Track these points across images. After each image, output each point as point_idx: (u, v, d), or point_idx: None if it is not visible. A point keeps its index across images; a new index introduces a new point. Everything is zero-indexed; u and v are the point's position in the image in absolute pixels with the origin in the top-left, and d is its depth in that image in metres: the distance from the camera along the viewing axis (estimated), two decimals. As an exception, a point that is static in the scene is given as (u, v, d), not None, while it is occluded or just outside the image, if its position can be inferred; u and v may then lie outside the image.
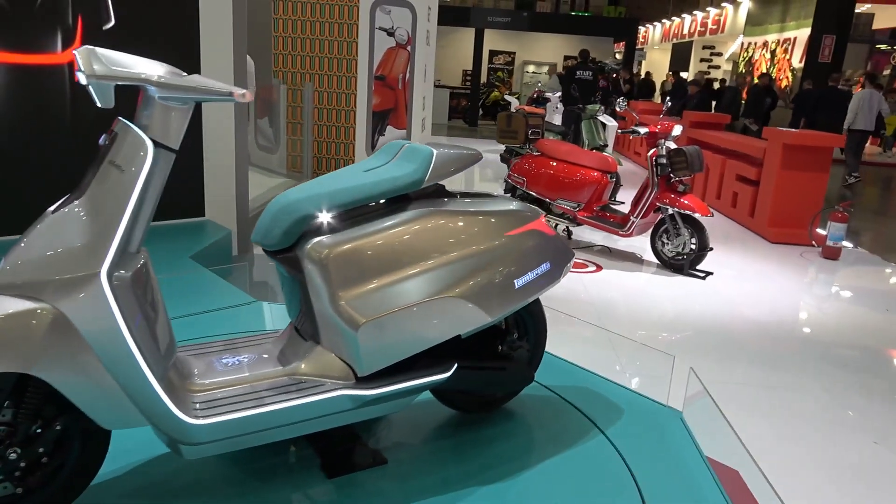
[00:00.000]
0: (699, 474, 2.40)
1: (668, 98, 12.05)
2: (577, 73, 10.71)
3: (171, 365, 1.94)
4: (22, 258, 1.69)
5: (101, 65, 1.64)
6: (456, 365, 2.22)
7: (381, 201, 2.18)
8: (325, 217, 2.08)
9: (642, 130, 5.65)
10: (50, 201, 1.85)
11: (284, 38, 8.45)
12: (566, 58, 20.98)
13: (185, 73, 1.77)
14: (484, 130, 16.96)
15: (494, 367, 2.43)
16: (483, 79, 20.50)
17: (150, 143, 1.71)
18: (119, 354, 1.69)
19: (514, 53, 22.62)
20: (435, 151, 2.14)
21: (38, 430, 1.79)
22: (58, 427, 1.79)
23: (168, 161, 1.81)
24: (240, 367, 2.07)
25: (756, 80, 12.45)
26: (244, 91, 1.70)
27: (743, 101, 12.82)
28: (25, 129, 4.36)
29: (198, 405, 1.87)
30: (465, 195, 2.38)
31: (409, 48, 8.65)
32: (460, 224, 2.20)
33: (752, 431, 2.97)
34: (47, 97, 4.39)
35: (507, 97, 14.56)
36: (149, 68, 1.71)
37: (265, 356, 2.16)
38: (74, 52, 1.65)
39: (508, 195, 6.27)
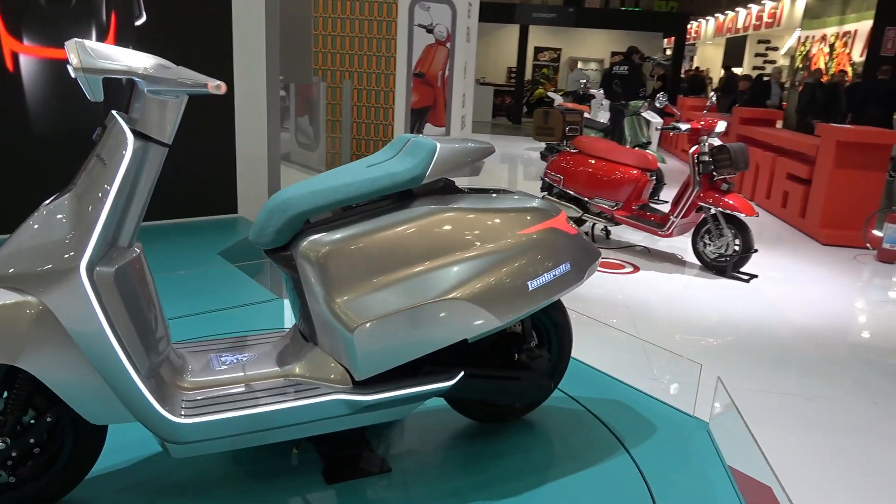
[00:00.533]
0: (722, 490, 2.25)
1: (712, 94, 11.62)
2: (614, 68, 10.51)
3: (164, 361, 1.90)
4: (11, 250, 1.69)
5: (89, 57, 1.61)
6: (462, 372, 2.11)
7: (385, 197, 2.09)
8: (320, 214, 2.00)
9: (684, 127, 5.43)
10: None
11: (324, 36, 8.47)
12: (613, 54, 20.62)
13: (174, 65, 1.72)
14: (527, 128, 16.79)
15: (507, 377, 2.30)
16: (528, 76, 20.27)
17: (130, 136, 1.67)
18: (101, 349, 1.67)
19: (560, 50, 22.31)
20: (439, 145, 2.03)
21: (31, 422, 1.79)
22: (48, 419, 1.79)
23: (159, 155, 1.76)
24: (236, 366, 2.02)
25: (832, 77, 11.73)
26: (219, 83, 1.68)
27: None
28: (60, 122, 4.44)
29: (185, 403, 1.82)
30: (477, 191, 2.26)
31: (448, 45, 8.56)
32: (467, 221, 2.08)
33: (788, 445, 2.78)
34: (80, 90, 4.45)
35: (550, 94, 14.33)
36: (136, 61, 1.66)
37: (265, 356, 2.10)
38: (65, 45, 1.62)
39: (545, 193, 6.14)
